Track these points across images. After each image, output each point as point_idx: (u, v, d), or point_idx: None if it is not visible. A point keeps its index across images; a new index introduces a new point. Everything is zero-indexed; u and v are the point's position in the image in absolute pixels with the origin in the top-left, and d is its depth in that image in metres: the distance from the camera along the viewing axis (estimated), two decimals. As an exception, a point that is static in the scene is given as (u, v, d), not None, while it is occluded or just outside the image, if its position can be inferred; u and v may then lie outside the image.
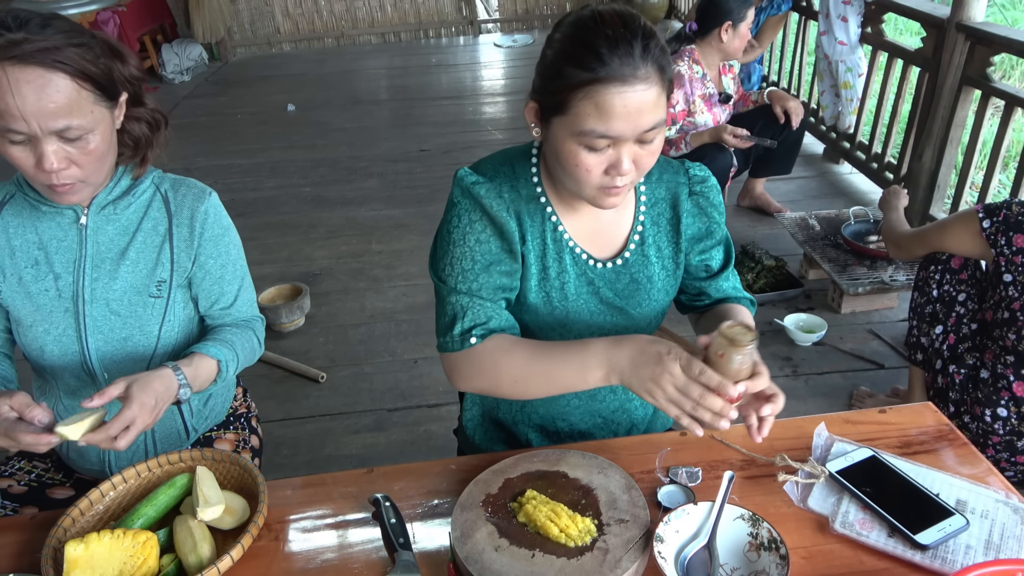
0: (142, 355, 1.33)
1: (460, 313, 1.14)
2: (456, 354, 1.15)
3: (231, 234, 1.40)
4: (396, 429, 2.44)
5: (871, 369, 2.61)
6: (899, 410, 1.27)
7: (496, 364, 1.12)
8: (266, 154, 5.00)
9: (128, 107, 1.24)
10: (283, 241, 3.78)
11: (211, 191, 1.38)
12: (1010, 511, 1.05)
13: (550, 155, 1.11)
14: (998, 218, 1.80)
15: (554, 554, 0.97)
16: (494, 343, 1.13)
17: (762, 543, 0.99)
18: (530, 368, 1.10)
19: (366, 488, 1.16)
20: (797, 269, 3.18)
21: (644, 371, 0.99)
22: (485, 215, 1.14)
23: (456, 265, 1.14)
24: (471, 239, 1.14)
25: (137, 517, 1.08)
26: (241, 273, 1.42)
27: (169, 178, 1.36)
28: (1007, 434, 1.83)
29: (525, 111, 1.11)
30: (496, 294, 1.15)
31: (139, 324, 1.32)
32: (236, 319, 1.43)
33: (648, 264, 1.24)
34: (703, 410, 0.95)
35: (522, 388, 1.12)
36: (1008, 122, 2.89)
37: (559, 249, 1.19)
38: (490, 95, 6.30)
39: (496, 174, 1.17)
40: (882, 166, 3.77)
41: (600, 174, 1.05)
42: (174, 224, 1.32)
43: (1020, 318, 1.78)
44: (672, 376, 0.96)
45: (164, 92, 6.61)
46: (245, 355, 1.40)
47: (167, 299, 1.33)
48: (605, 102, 0.98)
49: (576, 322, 1.22)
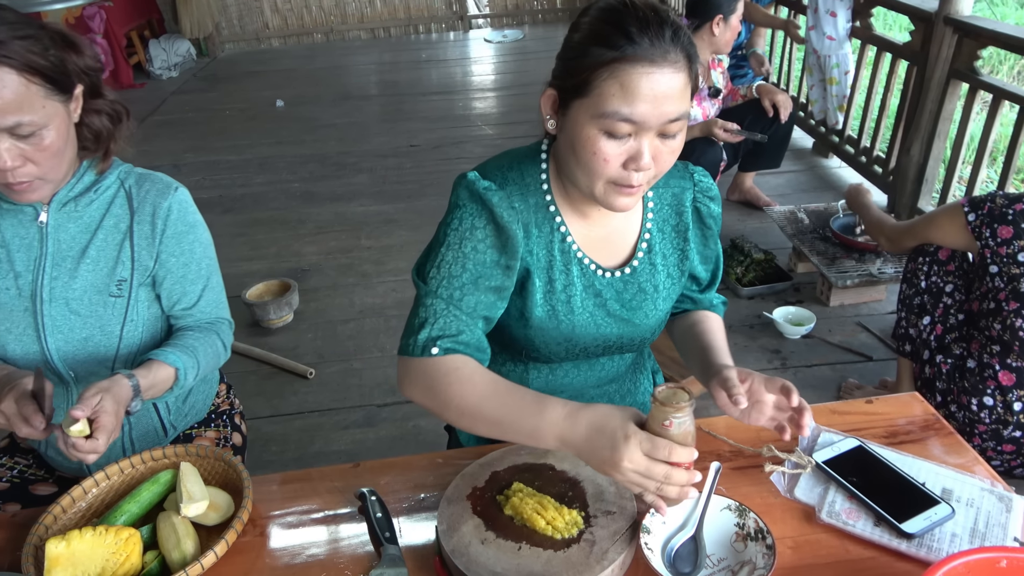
0: (104, 355, 1.30)
1: (431, 318, 1.06)
2: (412, 360, 1.06)
3: (197, 231, 1.35)
4: (385, 425, 2.43)
5: (860, 361, 2.62)
6: (886, 400, 1.27)
7: (448, 388, 1.03)
8: (255, 150, 4.98)
9: (86, 99, 1.20)
10: (272, 237, 3.76)
11: (178, 186, 1.33)
12: (995, 499, 1.05)
13: (564, 148, 1.05)
14: (983, 211, 1.82)
15: (541, 546, 0.97)
16: (454, 364, 1.04)
17: (749, 533, 0.99)
18: (480, 408, 1.01)
19: (352, 482, 1.16)
20: (786, 262, 3.19)
21: (601, 454, 0.91)
22: (491, 223, 1.08)
23: (443, 268, 1.08)
24: (468, 245, 1.08)
25: (120, 514, 1.07)
26: (206, 273, 1.37)
27: (136, 173, 1.32)
28: (993, 423, 1.84)
29: (541, 100, 1.06)
30: (476, 310, 1.08)
31: (100, 324, 1.28)
32: (199, 321, 1.38)
33: (655, 273, 1.21)
34: (670, 487, 0.90)
35: (467, 423, 1.03)
36: (995, 115, 2.90)
37: (567, 261, 1.15)
38: (480, 90, 6.29)
39: (505, 181, 1.11)
40: (871, 160, 3.78)
41: (618, 166, 0.99)
42: (135, 221, 1.28)
43: (1005, 308, 1.79)
44: (632, 462, 0.88)
45: (151, 88, 6.58)
46: (208, 361, 1.35)
47: (128, 298, 1.29)
48: (631, 82, 0.94)
49: (582, 336, 1.19)
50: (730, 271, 3.04)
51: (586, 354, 1.23)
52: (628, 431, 0.89)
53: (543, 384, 1.28)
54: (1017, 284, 1.77)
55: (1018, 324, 1.77)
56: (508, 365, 1.28)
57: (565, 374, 1.28)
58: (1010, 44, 2.83)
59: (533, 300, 1.14)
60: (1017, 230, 1.76)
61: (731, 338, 2.76)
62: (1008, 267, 1.78)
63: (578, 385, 1.30)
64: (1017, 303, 1.77)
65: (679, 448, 0.89)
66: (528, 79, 6.43)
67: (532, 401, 0.99)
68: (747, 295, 2.99)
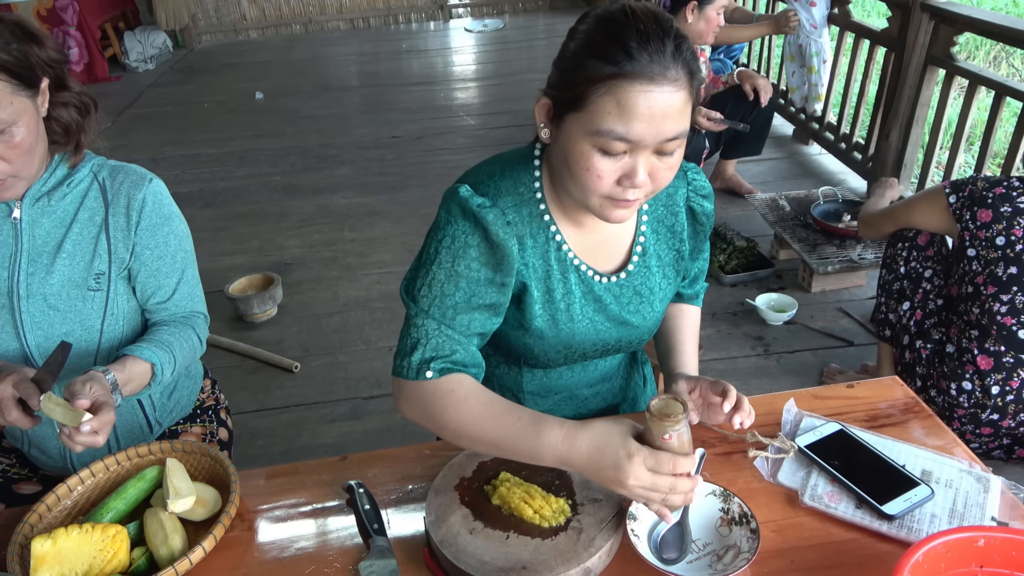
0: (86, 350, 1.29)
1: (424, 339, 1.03)
2: (407, 382, 1.03)
3: (172, 224, 1.33)
4: (372, 417, 2.43)
5: (841, 347, 2.65)
6: (867, 385, 1.29)
7: (444, 410, 1.01)
8: (235, 143, 4.93)
9: (52, 92, 1.18)
10: (254, 231, 3.73)
11: (153, 177, 1.32)
12: (973, 480, 1.07)
13: (557, 158, 1.03)
14: (963, 193, 1.83)
15: (529, 535, 0.98)
16: (449, 386, 1.02)
17: (733, 518, 1.01)
18: (478, 429, 1.00)
19: (340, 475, 1.16)
20: (768, 250, 3.22)
21: (605, 473, 0.91)
22: (485, 241, 1.04)
23: (435, 288, 1.04)
24: (460, 264, 1.04)
25: (106, 511, 1.07)
26: (182, 266, 1.36)
27: (109, 165, 1.30)
28: (971, 407, 1.87)
29: (536, 108, 1.02)
30: (470, 328, 1.05)
31: (79, 319, 1.27)
32: (174, 315, 1.37)
33: (650, 275, 1.20)
34: (675, 496, 0.90)
35: (465, 444, 1.02)
36: (971, 101, 2.93)
37: (563, 269, 1.13)
38: (461, 80, 6.26)
39: (499, 192, 1.08)
40: (850, 146, 3.81)
41: (612, 183, 0.96)
42: (110, 213, 1.27)
43: (983, 292, 1.82)
44: (637, 480, 0.89)
45: (128, 81, 6.48)
46: (184, 356, 1.34)
47: (107, 292, 1.28)
48: (628, 100, 0.90)
49: (581, 342, 1.18)
50: (713, 259, 3.06)
51: (584, 358, 1.23)
52: (630, 449, 0.89)
53: (537, 385, 1.28)
54: (994, 268, 1.79)
55: (996, 308, 1.80)
56: (503, 367, 1.27)
57: (559, 376, 1.28)
58: (985, 30, 2.86)
59: (532, 311, 1.12)
60: (996, 214, 1.77)
61: (715, 325, 2.81)
62: (987, 251, 1.80)
63: (572, 385, 1.30)
64: (995, 287, 1.79)
65: (682, 460, 0.89)
66: (509, 69, 6.41)
67: (529, 423, 0.97)
68: (730, 282, 3.01)
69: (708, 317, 2.83)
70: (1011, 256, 1.76)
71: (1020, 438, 1.93)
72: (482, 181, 1.09)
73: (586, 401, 1.33)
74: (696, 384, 1.17)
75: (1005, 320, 1.79)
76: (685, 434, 0.92)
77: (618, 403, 1.39)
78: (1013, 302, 1.77)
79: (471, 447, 1.03)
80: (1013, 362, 1.80)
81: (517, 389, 1.28)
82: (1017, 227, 1.74)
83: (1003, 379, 1.82)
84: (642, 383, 1.45)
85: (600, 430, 0.93)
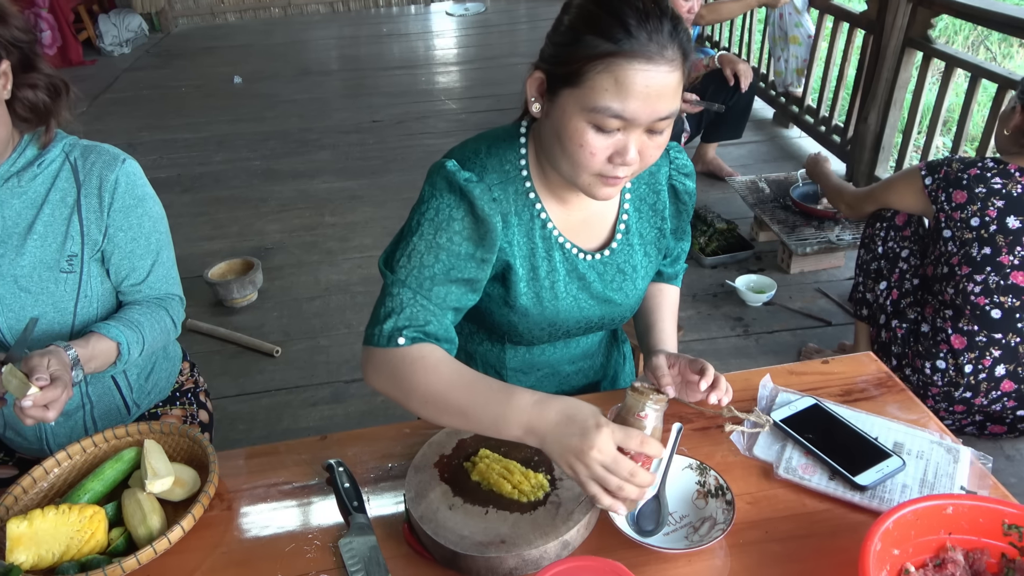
0: (59, 332, 1.28)
1: (398, 308, 1.02)
2: (377, 349, 1.02)
3: (146, 204, 1.31)
4: (354, 400, 2.43)
5: (819, 326, 2.68)
6: (841, 360, 1.31)
7: (413, 376, 0.99)
8: (213, 128, 4.87)
9: (19, 73, 1.15)
10: (233, 216, 3.70)
11: (126, 157, 1.29)
12: (943, 451, 1.09)
13: (548, 134, 1.02)
14: (939, 175, 1.85)
15: (508, 509, 0.99)
16: (420, 352, 1.01)
17: (709, 490, 1.02)
18: (446, 397, 0.98)
19: (320, 455, 1.16)
20: (748, 231, 3.24)
21: (569, 441, 0.88)
22: (470, 215, 1.04)
23: (414, 258, 1.03)
24: (443, 236, 1.03)
25: (83, 492, 1.06)
26: (156, 247, 1.34)
27: (81, 144, 1.28)
28: (945, 385, 1.90)
29: (527, 82, 1.00)
30: (445, 301, 1.04)
31: (52, 301, 1.25)
32: (148, 296, 1.35)
33: (633, 253, 1.21)
34: (631, 487, 0.87)
35: (431, 412, 0.99)
36: (948, 83, 2.96)
37: (548, 247, 1.13)
38: (443, 64, 6.22)
39: (484, 169, 1.07)
40: (829, 129, 3.83)
41: (603, 160, 0.97)
42: (82, 194, 1.25)
43: (958, 273, 1.84)
44: (600, 452, 0.86)
45: (103, 65, 6.37)
46: (154, 336, 1.32)
47: (80, 274, 1.26)
48: (626, 78, 0.90)
49: (566, 319, 1.19)
50: (694, 241, 3.08)
51: (567, 335, 1.24)
52: (599, 420, 0.88)
53: (520, 362, 1.28)
54: (969, 248, 1.81)
55: (970, 288, 1.82)
56: (486, 344, 1.28)
57: (542, 352, 1.28)
58: (962, 12, 2.88)
59: (517, 289, 1.13)
60: (971, 195, 1.79)
61: (695, 307, 2.82)
62: (961, 231, 1.81)
63: (554, 362, 1.31)
64: (969, 268, 1.81)
65: (651, 440, 0.89)
66: (491, 52, 6.37)
67: (499, 389, 0.96)
68: (710, 264, 3.03)
69: (688, 298, 2.85)
70: (985, 236, 1.78)
71: (992, 415, 1.97)
72: (468, 158, 1.09)
73: (568, 378, 1.34)
74: (675, 361, 1.18)
75: (979, 300, 1.81)
76: (659, 422, 0.93)
77: (599, 380, 1.40)
78: (987, 282, 1.80)
79: (437, 416, 0.99)
80: (986, 341, 1.83)
81: (500, 366, 1.28)
82: (991, 208, 1.76)
83: (976, 358, 1.85)
84: (622, 361, 1.46)
85: (571, 401, 0.92)
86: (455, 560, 0.93)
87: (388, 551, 0.99)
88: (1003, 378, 1.86)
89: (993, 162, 1.80)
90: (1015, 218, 1.75)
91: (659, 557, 0.94)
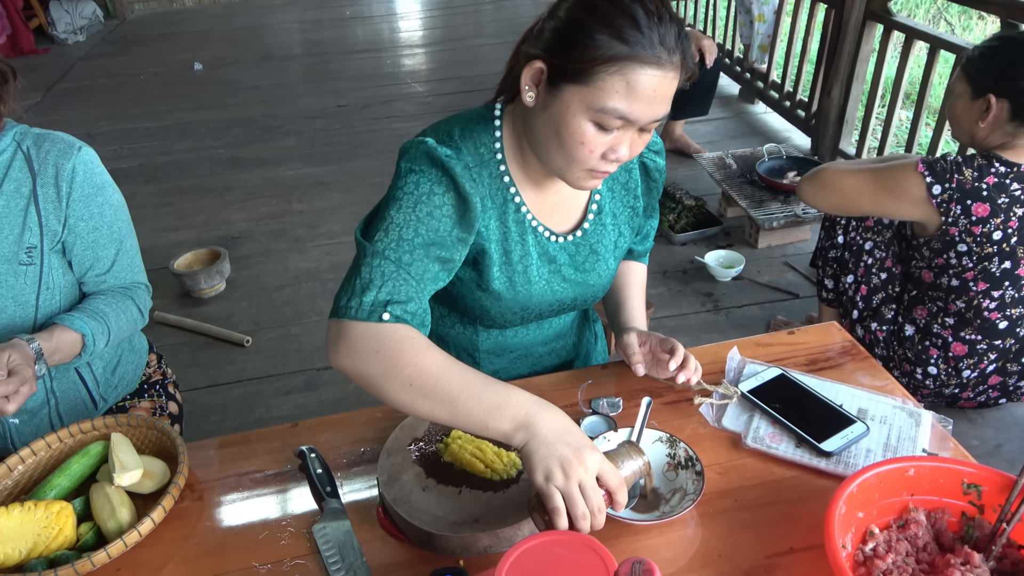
0: (21, 326, 1.25)
1: (379, 280, 0.95)
2: (355, 323, 0.93)
3: (105, 193, 1.29)
4: (327, 388, 2.42)
5: (787, 299, 2.72)
6: (806, 330, 1.33)
7: (400, 354, 0.91)
8: (174, 116, 4.77)
9: None
10: (198, 205, 3.63)
11: (82, 145, 1.26)
12: (906, 415, 1.12)
13: (543, 126, 1.00)
14: (950, 184, 1.64)
15: (480, 489, 0.99)
16: (409, 333, 0.94)
17: (679, 462, 1.03)
18: (436, 381, 0.90)
19: (291, 442, 1.15)
20: (716, 207, 3.26)
21: (562, 450, 0.85)
22: (452, 191, 1.02)
23: (393, 231, 0.98)
24: (422, 210, 0.99)
25: (49, 488, 1.04)
26: (119, 236, 1.31)
27: (33, 133, 1.25)
28: (936, 387, 1.89)
29: (524, 71, 0.97)
30: (424, 277, 0.99)
31: (12, 294, 1.22)
32: (113, 286, 1.33)
33: (605, 233, 1.21)
34: (588, 522, 0.85)
35: (410, 397, 0.91)
36: (908, 56, 3.00)
37: (521, 231, 1.12)
38: (408, 47, 6.14)
39: (460, 152, 1.05)
40: (794, 104, 3.87)
41: (599, 156, 0.97)
42: (38, 184, 1.22)
43: (972, 288, 1.73)
44: (586, 472, 0.84)
45: (56, 53, 6.20)
46: (120, 326, 1.30)
47: (41, 266, 1.24)
48: (638, 82, 0.91)
49: (539, 303, 1.19)
50: (663, 218, 3.09)
51: (539, 317, 1.24)
52: (594, 445, 0.88)
53: (492, 344, 1.28)
54: (988, 264, 1.69)
55: (985, 304, 1.74)
56: (457, 327, 1.28)
57: (514, 334, 1.29)
58: (921, -15, 2.91)
59: (490, 274, 1.12)
60: (994, 207, 1.64)
61: (666, 283, 2.85)
62: (981, 247, 1.68)
63: (527, 343, 1.31)
64: (987, 283, 1.71)
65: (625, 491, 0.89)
66: (456, 34, 6.31)
67: (494, 382, 0.92)
68: (680, 241, 3.05)
69: (659, 276, 2.87)
70: (1007, 250, 1.67)
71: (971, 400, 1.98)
72: (442, 140, 1.06)
73: (541, 359, 1.35)
74: (647, 339, 1.19)
75: (991, 315, 1.76)
76: (635, 483, 0.94)
77: (571, 359, 1.41)
78: (1003, 297, 1.73)
79: (415, 401, 0.91)
80: (986, 348, 1.81)
81: (472, 349, 1.28)
82: (1013, 218, 1.64)
83: (975, 363, 1.83)
84: (594, 340, 1.47)
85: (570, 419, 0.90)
86: (429, 540, 0.94)
87: (362, 535, 0.99)
88: (992, 374, 1.85)
89: (1003, 165, 1.63)
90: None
91: (631, 529, 0.96)
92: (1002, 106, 1.63)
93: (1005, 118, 1.63)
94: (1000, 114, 1.63)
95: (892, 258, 1.95)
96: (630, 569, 0.68)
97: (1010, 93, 1.61)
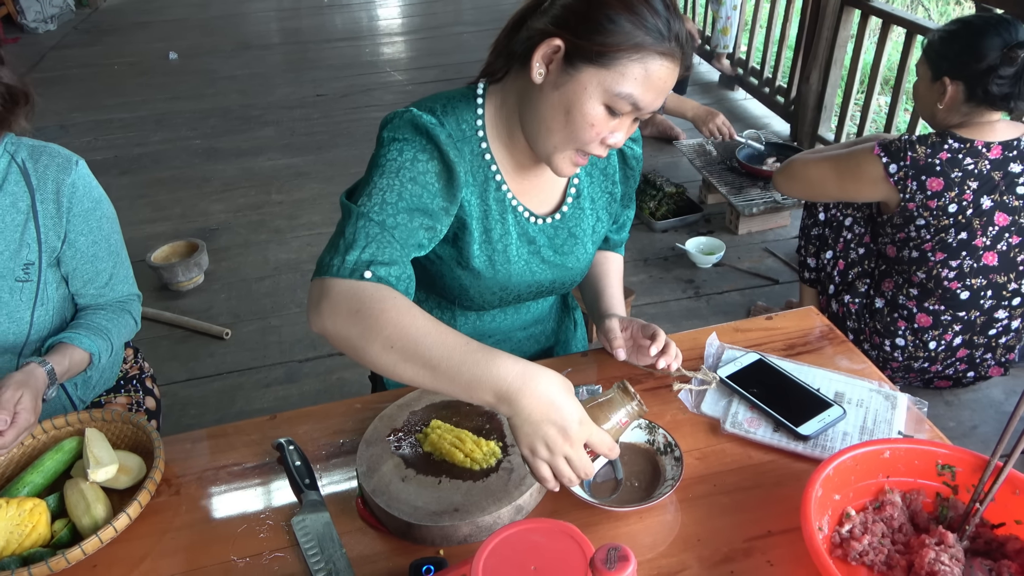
0: (13, 343, 1.23)
1: (363, 240, 0.93)
2: (337, 281, 0.90)
3: (103, 207, 1.28)
4: (308, 380, 2.40)
5: (767, 285, 2.73)
6: (784, 316, 1.34)
7: (382, 315, 0.87)
8: (149, 106, 4.70)
9: None
10: (175, 197, 3.58)
11: (78, 159, 1.25)
12: (882, 398, 1.13)
13: (550, 103, 0.98)
14: (904, 161, 1.70)
15: (460, 478, 0.99)
16: (392, 294, 0.90)
17: (659, 448, 1.04)
18: (417, 344, 0.85)
19: (269, 435, 1.14)
20: (697, 194, 3.27)
21: (545, 430, 0.83)
22: (436, 159, 1.01)
23: (376, 195, 0.96)
24: (406, 175, 0.98)
25: (22, 486, 1.03)
26: (116, 248, 1.31)
27: (27, 145, 1.21)
28: (905, 360, 1.92)
29: (539, 48, 0.96)
30: (408, 242, 0.97)
31: (7, 311, 1.20)
32: (111, 300, 1.33)
33: (583, 217, 1.22)
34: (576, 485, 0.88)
35: (392, 359, 0.86)
36: (885, 41, 3.01)
37: (502, 210, 1.12)
38: (387, 35, 6.09)
39: (442, 126, 1.04)
40: (773, 90, 3.88)
41: (599, 139, 0.99)
42: (38, 200, 1.19)
43: (931, 259, 1.78)
44: (572, 448, 0.83)
45: (27, 43, 6.08)
46: (121, 339, 1.32)
47: (38, 282, 1.22)
48: (655, 73, 0.94)
49: (517, 284, 1.18)
50: (644, 206, 3.10)
51: (518, 300, 1.24)
52: (582, 418, 0.84)
53: (471, 329, 1.28)
54: (944, 236, 1.74)
55: (944, 274, 1.78)
56: (436, 312, 1.27)
57: (493, 319, 1.28)
58: (897, -30, 2.93)
59: (470, 251, 1.12)
60: (947, 181, 1.69)
61: (647, 271, 2.85)
62: (937, 219, 1.73)
63: (506, 328, 1.31)
64: (944, 254, 1.76)
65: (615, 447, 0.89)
66: (436, 22, 6.27)
67: (479, 349, 0.86)
68: (661, 228, 3.06)
69: (640, 263, 2.87)
70: (963, 222, 1.72)
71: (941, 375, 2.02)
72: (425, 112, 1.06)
73: (520, 344, 1.34)
74: (628, 325, 1.19)
75: (951, 285, 1.80)
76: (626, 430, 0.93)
77: (551, 345, 1.41)
78: (961, 267, 1.77)
79: (397, 365, 0.86)
80: (950, 319, 1.84)
81: None
82: (967, 191, 1.69)
83: (939, 334, 1.86)
84: (573, 327, 1.47)
85: (556, 386, 0.84)
86: (409, 531, 0.93)
87: (342, 526, 0.98)
88: (959, 347, 1.89)
89: (956, 141, 1.68)
90: (987, 197, 1.69)
91: (611, 516, 0.96)
92: (957, 88, 1.71)
93: (961, 99, 1.71)
94: (956, 96, 1.71)
95: (870, 234, 2.00)
96: (605, 555, 0.68)
97: (964, 76, 1.69)
